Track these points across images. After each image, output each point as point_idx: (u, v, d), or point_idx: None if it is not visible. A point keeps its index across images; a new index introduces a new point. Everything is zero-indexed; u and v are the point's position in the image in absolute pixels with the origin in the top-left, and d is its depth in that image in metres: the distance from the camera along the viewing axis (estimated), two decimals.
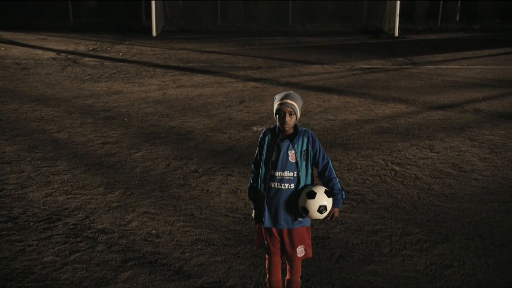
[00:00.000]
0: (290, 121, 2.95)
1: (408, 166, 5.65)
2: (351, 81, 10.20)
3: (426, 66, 11.95)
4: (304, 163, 3.00)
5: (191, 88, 9.53)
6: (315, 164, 3.06)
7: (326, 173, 3.04)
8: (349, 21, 19.45)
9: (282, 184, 2.99)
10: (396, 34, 17.34)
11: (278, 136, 3.01)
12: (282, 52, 13.67)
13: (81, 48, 14.25)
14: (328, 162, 3.05)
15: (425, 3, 20.17)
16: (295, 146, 2.99)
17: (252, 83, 9.89)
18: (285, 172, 2.98)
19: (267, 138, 3.06)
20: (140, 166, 5.64)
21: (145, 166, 5.65)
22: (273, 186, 3.01)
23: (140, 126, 7.10)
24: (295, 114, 2.96)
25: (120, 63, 12.02)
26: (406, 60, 12.77)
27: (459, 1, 19.91)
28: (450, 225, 4.41)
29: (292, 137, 3.00)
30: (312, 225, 4.12)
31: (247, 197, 3.33)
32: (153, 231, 4.23)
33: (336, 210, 3.01)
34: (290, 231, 3.07)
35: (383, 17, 18.51)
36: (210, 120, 7.39)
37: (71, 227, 4.30)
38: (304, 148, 3.00)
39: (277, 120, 2.99)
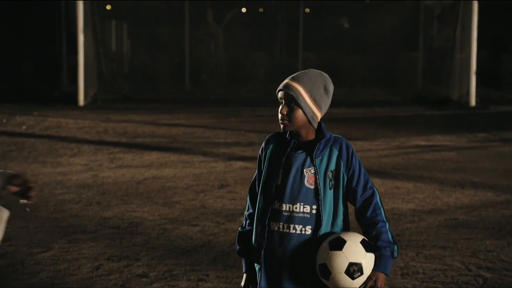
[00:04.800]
0: (290, 116, 2.95)
1: (506, 272, 5.75)
2: (402, 162, 10.65)
3: None
4: (331, 192, 2.98)
5: (140, 169, 9.82)
6: (350, 195, 3.03)
7: (369, 213, 3.00)
8: (395, 86, 20.25)
9: (292, 226, 2.97)
10: (473, 103, 18.00)
11: (289, 144, 3.02)
12: None
13: None
14: (373, 195, 3.03)
15: None
16: (316, 161, 2.99)
17: (240, 163, 10.25)
18: (297, 205, 2.97)
19: (270, 148, 3.08)
20: (48, 270, 5.68)
21: (57, 269, 5.69)
22: (276, 228, 2.99)
23: (51, 217, 7.28)
24: (299, 104, 2.95)
25: (23, 139, 12.34)
26: (490, 136, 13.23)
27: None
28: None
29: (312, 146, 3.00)
30: None
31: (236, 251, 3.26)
32: None
33: (381, 276, 2.94)
34: None
35: (449, 80, 19.31)
36: (170, 209, 7.63)
37: None
38: (333, 166, 3.00)
39: None
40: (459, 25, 19.00)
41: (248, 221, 3.14)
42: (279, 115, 2.99)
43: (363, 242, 2.94)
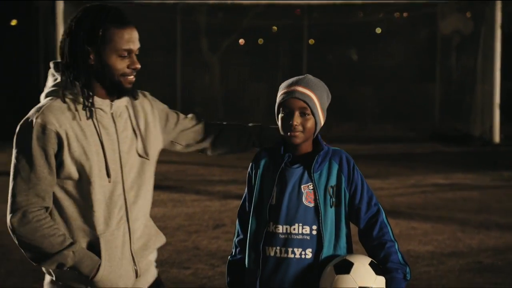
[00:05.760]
0: (304, 125, 2.98)
1: None
2: (418, 201, 10.76)
3: None
4: (332, 210, 3.00)
5: None
6: (353, 213, 3.05)
7: (375, 232, 3.03)
8: (409, 121, 20.33)
9: (290, 250, 2.97)
10: (497, 140, 18.02)
11: (284, 158, 3.03)
12: None
13: None
14: (378, 212, 3.07)
15: None
16: (315, 176, 3.00)
17: (237, 202, 10.07)
18: (295, 226, 2.97)
19: (261, 164, 3.09)
20: None
21: None
22: (272, 254, 2.99)
23: (25, 260, 7.09)
24: (313, 114, 3.00)
25: None
26: None
27: None
28: None
29: (309, 160, 3.02)
30: None
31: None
32: None
33: None
34: None
35: (470, 114, 19.34)
36: (158, 250, 7.54)
37: None
38: (333, 181, 3.03)
39: (280, 126, 3.05)
40: (480, 54, 19.07)
41: (238, 249, 3.15)
42: (292, 126, 2.97)
43: (372, 264, 2.95)
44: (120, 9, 2.97)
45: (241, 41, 22.54)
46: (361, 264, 2.92)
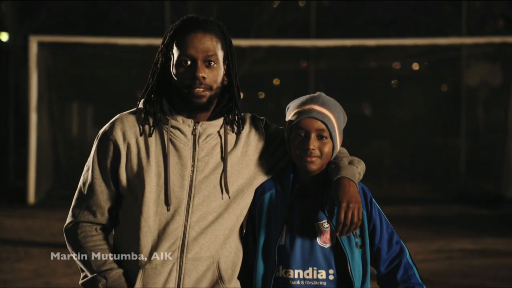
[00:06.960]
0: (321, 149, 2.97)
1: None
2: (442, 268, 10.72)
3: None
4: (359, 252, 2.97)
5: None
6: (373, 254, 3.04)
7: (400, 275, 3.03)
8: (431, 181, 20.33)
9: None
10: None
11: (293, 189, 2.98)
12: None
13: None
14: (401, 252, 3.07)
15: None
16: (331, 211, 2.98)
17: None
18: (309, 271, 2.92)
19: (266, 198, 3.03)
20: None
21: None
22: None
23: None
24: (331, 137, 2.98)
25: None
26: None
27: None
28: None
29: (322, 192, 3.01)
30: None
31: None
32: None
33: None
34: None
35: (502, 173, 19.35)
36: None
37: None
38: None
39: (290, 151, 3.01)
40: None
41: None
42: (308, 150, 2.94)
43: None
44: (195, 16, 2.96)
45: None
46: None
